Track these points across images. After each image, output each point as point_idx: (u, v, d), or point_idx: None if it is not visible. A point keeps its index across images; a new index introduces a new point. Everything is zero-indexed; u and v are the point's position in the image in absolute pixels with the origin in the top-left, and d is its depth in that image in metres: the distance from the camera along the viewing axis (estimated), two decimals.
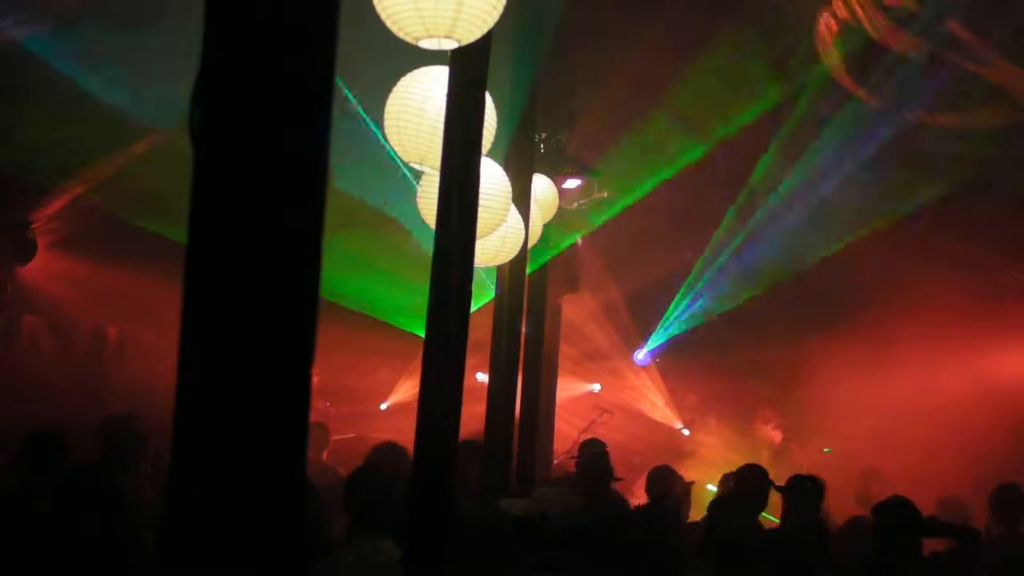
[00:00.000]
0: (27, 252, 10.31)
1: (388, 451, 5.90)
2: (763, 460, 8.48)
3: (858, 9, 9.33)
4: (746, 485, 6.18)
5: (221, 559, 1.79)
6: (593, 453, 6.61)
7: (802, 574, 4.79)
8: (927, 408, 11.31)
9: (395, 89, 4.13)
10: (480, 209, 3.85)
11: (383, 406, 12.50)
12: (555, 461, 9.41)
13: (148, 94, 7.49)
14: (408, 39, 3.49)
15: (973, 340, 11.32)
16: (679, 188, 11.22)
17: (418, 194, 4.48)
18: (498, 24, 3.53)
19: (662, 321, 13.10)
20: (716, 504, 5.79)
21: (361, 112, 7.49)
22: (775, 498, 6.18)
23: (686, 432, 13.06)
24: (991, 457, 9.80)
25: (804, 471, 6.90)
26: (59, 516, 4.09)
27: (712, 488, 8.51)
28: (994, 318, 11.33)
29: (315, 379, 1.93)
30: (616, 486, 6.70)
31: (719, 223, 12.24)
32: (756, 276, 12.11)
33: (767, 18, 9.80)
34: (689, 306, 12.86)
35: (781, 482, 6.11)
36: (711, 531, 5.12)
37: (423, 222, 4.39)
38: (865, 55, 9.77)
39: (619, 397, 13.12)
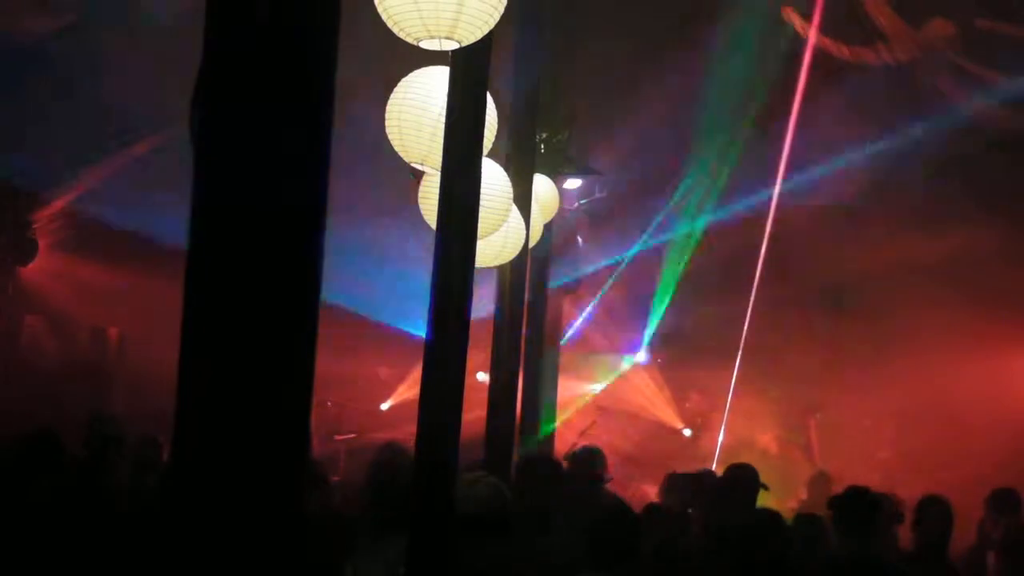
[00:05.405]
0: (27, 252, 10.33)
1: (396, 450, 5.90)
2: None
3: None
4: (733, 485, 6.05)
5: (222, 557, 1.79)
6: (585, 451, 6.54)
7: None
8: (926, 410, 11.30)
9: (396, 89, 4.13)
10: (481, 209, 3.85)
11: (384, 406, 12.50)
12: None
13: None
14: (409, 40, 3.49)
15: (973, 341, 11.30)
16: None
17: (419, 194, 4.47)
18: (499, 24, 3.53)
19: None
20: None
21: None
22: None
23: (687, 432, 13.01)
24: (988, 459, 9.80)
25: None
26: None
27: None
28: (994, 319, 11.31)
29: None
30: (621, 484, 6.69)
31: None
32: None
33: None
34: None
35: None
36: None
37: None
38: None
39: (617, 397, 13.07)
